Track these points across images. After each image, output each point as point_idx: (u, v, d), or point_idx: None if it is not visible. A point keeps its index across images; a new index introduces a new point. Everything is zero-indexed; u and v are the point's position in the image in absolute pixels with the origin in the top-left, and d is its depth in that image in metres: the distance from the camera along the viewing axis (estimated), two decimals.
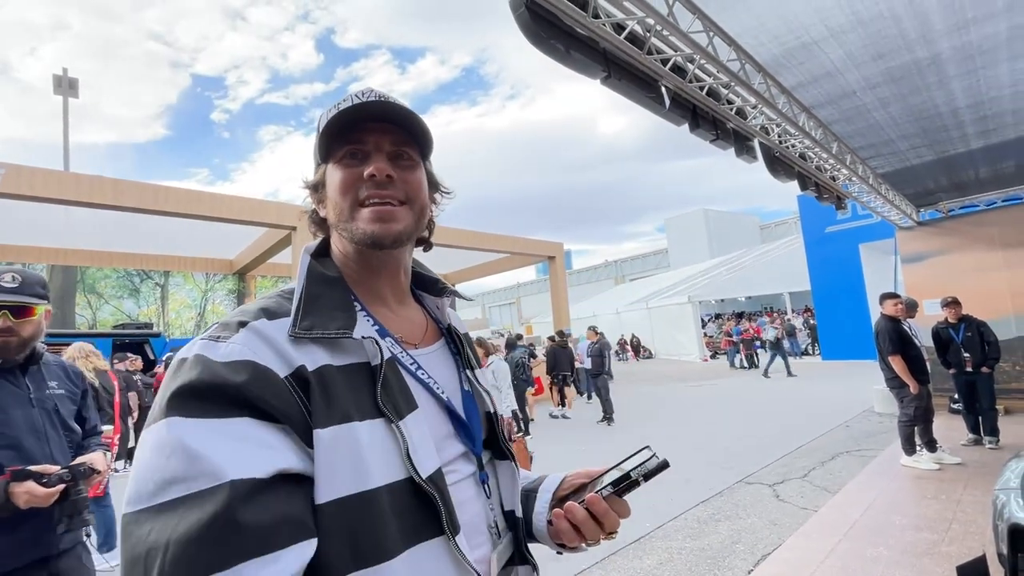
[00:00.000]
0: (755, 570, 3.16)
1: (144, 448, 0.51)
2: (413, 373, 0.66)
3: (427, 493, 0.57)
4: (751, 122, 4.10)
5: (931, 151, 5.45)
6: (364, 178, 0.66)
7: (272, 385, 0.54)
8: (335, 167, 0.68)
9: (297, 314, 0.60)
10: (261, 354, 0.55)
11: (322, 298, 0.63)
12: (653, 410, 10.00)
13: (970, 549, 3.07)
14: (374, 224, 0.66)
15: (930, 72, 3.77)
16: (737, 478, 5.05)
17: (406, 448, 0.57)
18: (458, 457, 0.66)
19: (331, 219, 0.69)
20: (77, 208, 7.46)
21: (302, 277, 0.66)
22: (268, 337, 0.57)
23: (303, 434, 0.54)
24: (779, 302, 25.30)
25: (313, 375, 0.56)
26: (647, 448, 0.69)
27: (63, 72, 16.31)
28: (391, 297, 0.73)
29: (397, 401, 0.60)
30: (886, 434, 6.27)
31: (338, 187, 0.67)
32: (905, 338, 4.89)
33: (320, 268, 0.67)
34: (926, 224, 7.87)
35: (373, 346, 0.61)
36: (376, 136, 0.68)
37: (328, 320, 0.61)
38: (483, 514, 0.67)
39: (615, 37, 2.82)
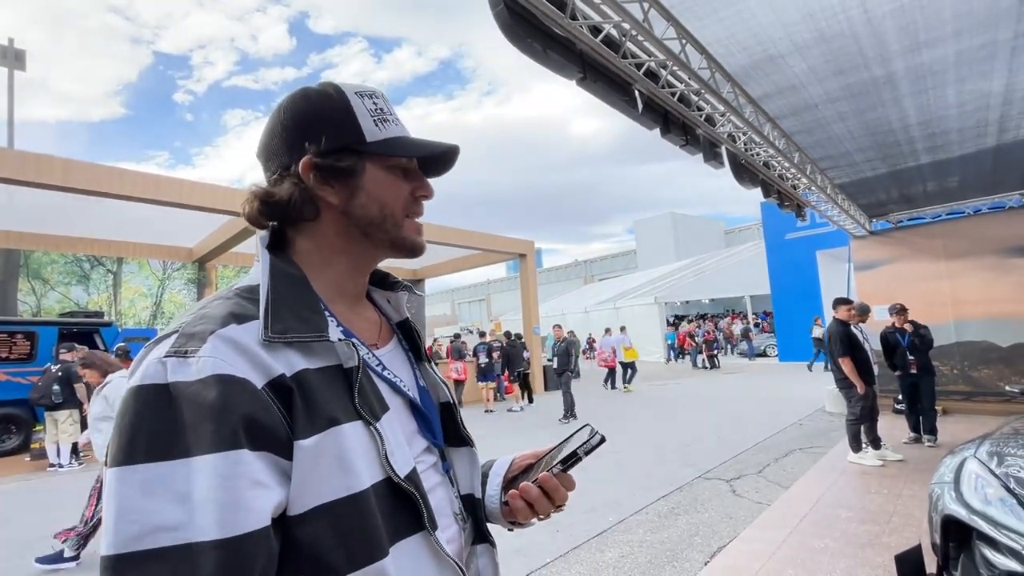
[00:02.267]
0: (711, 562, 3.28)
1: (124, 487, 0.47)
2: (380, 374, 0.67)
3: (406, 492, 0.58)
4: (719, 129, 4.23)
5: (884, 164, 5.76)
6: (415, 195, 0.71)
7: (253, 399, 0.51)
8: (388, 171, 0.69)
9: (267, 317, 0.57)
10: (237, 365, 0.52)
11: (289, 298, 0.61)
12: (618, 408, 10.20)
13: (908, 539, 3.27)
14: (419, 236, 0.72)
15: (886, 89, 3.98)
16: (696, 474, 5.22)
17: (384, 450, 0.58)
18: (423, 451, 0.68)
19: (362, 215, 0.68)
20: (22, 188, 7.03)
21: (266, 274, 0.62)
22: (241, 345, 0.54)
23: (284, 449, 0.52)
24: (741, 304, 26.16)
25: (293, 382, 0.55)
26: (588, 426, 0.74)
27: (9, 43, 15.30)
28: (354, 296, 0.73)
29: (372, 403, 0.60)
30: (835, 432, 6.59)
31: (394, 194, 0.69)
32: (854, 342, 5.18)
33: (283, 266, 0.64)
34: (878, 234, 8.30)
35: (349, 348, 0.61)
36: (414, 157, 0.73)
37: (300, 323, 0.59)
38: (449, 502, 0.69)
39: (592, 39, 2.86)
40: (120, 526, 0.46)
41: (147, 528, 0.46)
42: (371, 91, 0.70)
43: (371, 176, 0.68)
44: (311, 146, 0.65)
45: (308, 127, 0.66)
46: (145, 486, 0.47)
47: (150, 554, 0.45)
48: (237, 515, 0.47)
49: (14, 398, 8.15)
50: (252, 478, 0.49)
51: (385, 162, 0.69)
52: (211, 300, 0.61)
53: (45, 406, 7.22)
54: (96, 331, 9.66)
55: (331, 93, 0.67)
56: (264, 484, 0.50)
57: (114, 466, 0.48)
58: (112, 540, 0.46)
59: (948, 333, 7.34)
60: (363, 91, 0.69)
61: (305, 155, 0.65)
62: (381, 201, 0.68)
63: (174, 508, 0.46)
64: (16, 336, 8.64)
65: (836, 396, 7.76)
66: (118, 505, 0.47)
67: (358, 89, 0.69)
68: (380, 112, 0.69)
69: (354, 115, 0.66)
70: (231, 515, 0.47)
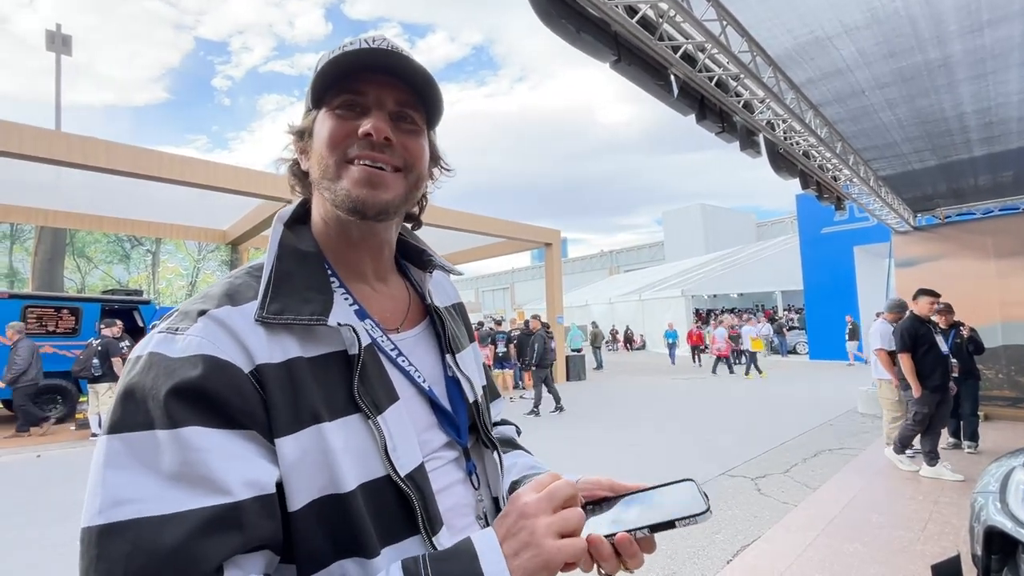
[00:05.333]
0: (734, 560, 3.21)
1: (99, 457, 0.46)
2: (394, 360, 0.61)
3: (405, 492, 0.54)
4: (758, 116, 4.06)
5: (933, 156, 5.45)
6: (359, 135, 0.58)
7: (234, 381, 0.49)
8: (327, 115, 0.60)
9: (265, 296, 0.54)
10: (222, 346, 0.50)
11: (295, 277, 0.57)
12: (641, 401, 10.09)
13: (944, 549, 3.14)
14: (361, 187, 0.58)
15: (940, 74, 3.74)
16: (720, 471, 5.12)
17: (384, 444, 0.54)
18: (442, 447, 0.63)
19: (313, 174, 0.61)
20: (68, 169, 7.31)
21: (272, 252, 0.59)
22: (230, 327, 0.51)
23: (267, 436, 0.50)
24: (771, 300, 25.50)
25: (278, 370, 0.51)
26: (692, 482, 0.57)
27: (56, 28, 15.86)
28: (372, 274, 0.67)
29: (376, 393, 0.56)
30: (867, 434, 6.37)
31: (326, 139, 0.59)
32: (921, 339, 4.62)
33: (294, 241, 0.61)
34: (922, 229, 7.91)
35: (351, 334, 0.56)
36: (379, 90, 0.60)
37: (301, 303, 0.55)
38: (471, 503, 0.64)
39: (627, 20, 2.76)
40: (88, 499, 0.45)
41: (107, 501, 0.44)
42: (353, 39, 0.62)
43: (317, 128, 0.61)
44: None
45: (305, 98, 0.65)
46: (111, 458, 0.46)
47: (110, 528, 0.43)
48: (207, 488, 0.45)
49: (60, 370, 8.58)
50: (228, 452, 0.47)
51: (329, 105, 0.60)
52: (225, 277, 0.59)
53: (87, 378, 7.58)
54: (136, 308, 10.07)
55: (322, 55, 0.62)
56: (243, 457, 0.48)
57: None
58: (83, 513, 0.45)
59: (995, 335, 6.97)
60: (344, 43, 0.61)
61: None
62: (319, 153, 0.60)
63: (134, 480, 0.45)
64: (62, 312, 9.07)
65: (870, 396, 7.50)
66: (90, 477, 0.46)
67: (342, 44, 0.61)
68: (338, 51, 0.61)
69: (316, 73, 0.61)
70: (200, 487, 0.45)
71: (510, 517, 0.50)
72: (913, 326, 4.69)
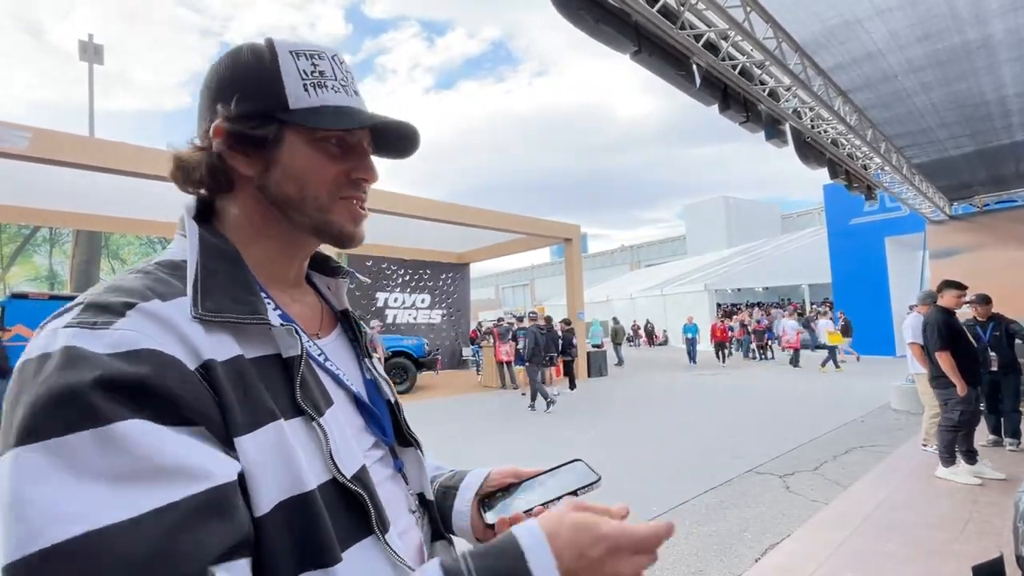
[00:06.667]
0: (762, 559, 3.15)
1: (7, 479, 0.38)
2: (322, 365, 0.61)
3: (354, 493, 0.53)
4: (783, 104, 3.95)
5: (972, 141, 5.23)
6: (351, 177, 0.61)
7: (182, 378, 0.44)
8: (315, 145, 0.59)
9: (196, 292, 0.50)
10: (163, 342, 0.45)
11: (221, 276, 0.54)
12: (664, 396, 9.98)
13: (985, 549, 3.01)
14: (353, 224, 0.62)
15: (979, 56, 3.58)
16: (747, 467, 5.03)
17: (328, 448, 0.52)
18: (371, 447, 0.63)
19: (279, 193, 0.59)
20: (102, 174, 7.57)
21: (195, 249, 0.55)
22: (168, 322, 0.46)
23: (222, 438, 0.46)
24: (798, 294, 24.91)
25: (226, 367, 0.48)
26: (581, 461, 0.69)
27: (88, 38, 16.41)
28: (291, 282, 0.66)
29: (315, 397, 0.55)
30: (902, 431, 6.17)
31: (319, 173, 0.59)
32: (956, 332, 4.40)
33: (213, 239, 0.57)
34: (959, 218, 7.61)
35: (292, 336, 0.54)
36: (361, 132, 0.62)
37: (234, 303, 0.52)
38: (403, 499, 0.65)
39: (647, 9, 2.71)
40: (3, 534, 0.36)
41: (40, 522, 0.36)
42: (315, 50, 0.60)
43: (291, 149, 0.58)
44: (224, 108, 0.57)
45: (227, 88, 0.58)
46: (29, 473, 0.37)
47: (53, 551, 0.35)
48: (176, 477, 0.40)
49: None
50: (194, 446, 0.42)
51: (312, 134, 0.58)
52: (125, 274, 0.53)
53: None
54: None
55: (262, 51, 0.58)
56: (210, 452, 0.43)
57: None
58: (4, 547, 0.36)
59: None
60: (302, 49, 0.59)
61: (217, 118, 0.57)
62: (301, 179, 0.59)
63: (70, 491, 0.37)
64: None
65: (904, 392, 7.26)
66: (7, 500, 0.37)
67: (297, 47, 0.59)
68: (317, 75, 0.58)
69: (279, 76, 0.57)
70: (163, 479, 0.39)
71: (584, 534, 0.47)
72: (941, 318, 4.45)
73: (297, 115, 0.57)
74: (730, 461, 5.26)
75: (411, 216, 10.88)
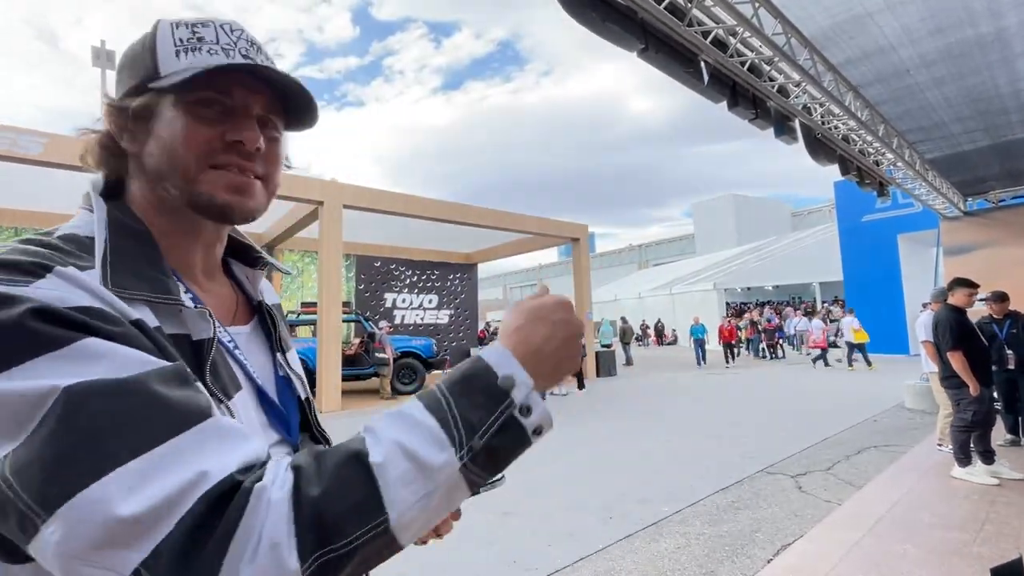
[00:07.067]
0: (775, 559, 3.12)
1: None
2: (231, 352, 0.58)
3: None
4: (793, 101, 3.91)
5: (986, 136, 5.14)
6: (226, 140, 0.55)
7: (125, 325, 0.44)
8: (181, 110, 0.54)
9: (105, 268, 0.48)
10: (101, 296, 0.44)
11: (131, 255, 0.51)
12: (674, 397, 9.92)
13: (1004, 551, 2.96)
14: (230, 194, 0.56)
15: (994, 49, 3.52)
16: (758, 467, 4.98)
17: None
18: (274, 444, 0.60)
19: (152, 166, 0.55)
20: None
21: (102, 221, 0.53)
22: (88, 286, 0.44)
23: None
24: (808, 292, 24.66)
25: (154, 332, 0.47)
26: None
27: (101, 44, 16.65)
28: (200, 269, 0.63)
29: (223, 380, 0.53)
30: (916, 430, 6.08)
31: (184, 139, 0.54)
32: (968, 331, 4.34)
33: (123, 216, 0.55)
34: (973, 214, 7.49)
35: (205, 319, 0.53)
36: (247, 93, 0.57)
37: (144, 281, 0.50)
38: None
39: (654, 7, 2.69)
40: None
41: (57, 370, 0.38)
42: (203, 20, 0.57)
43: (162, 117, 0.55)
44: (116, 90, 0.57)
45: (117, 73, 0.58)
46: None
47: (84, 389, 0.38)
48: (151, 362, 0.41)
49: None
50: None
51: (181, 99, 0.54)
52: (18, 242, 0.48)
53: None
54: None
55: (148, 31, 0.57)
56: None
57: None
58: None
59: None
60: (186, 21, 0.57)
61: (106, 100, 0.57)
62: (169, 147, 0.54)
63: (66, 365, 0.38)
64: None
65: (918, 391, 7.16)
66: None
67: (181, 20, 0.57)
68: (195, 42, 0.55)
69: (154, 48, 0.55)
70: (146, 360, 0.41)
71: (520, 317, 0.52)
72: (952, 317, 4.38)
73: (164, 80, 0.54)
74: (741, 461, 5.21)
75: (419, 217, 10.91)
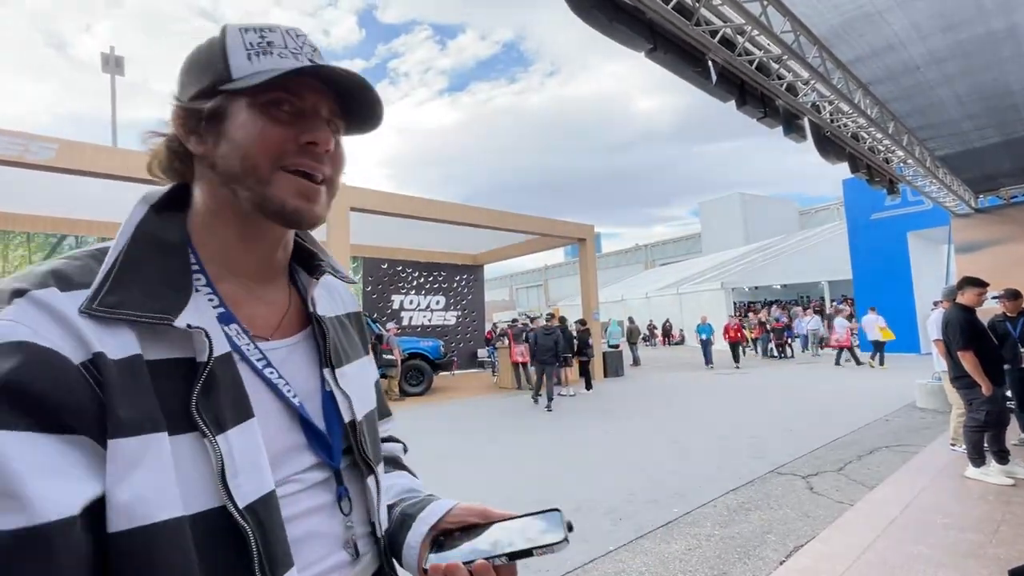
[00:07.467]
0: (787, 561, 3.10)
1: None
2: (259, 371, 0.55)
3: (240, 527, 0.46)
4: (802, 99, 3.89)
5: (997, 132, 5.09)
6: (299, 142, 0.55)
7: (58, 374, 0.41)
8: (256, 112, 0.55)
9: (103, 285, 0.47)
10: (44, 332, 0.42)
11: (144, 267, 0.50)
12: (682, 397, 9.88)
13: (1021, 553, 2.93)
14: (299, 200, 0.56)
15: (1006, 45, 3.48)
16: (769, 468, 4.95)
17: (220, 468, 0.46)
18: (308, 468, 0.57)
19: (224, 168, 0.55)
20: (125, 183, 7.75)
21: (125, 235, 0.52)
22: (57, 312, 0.44)
23: (99, 439, 0.42)
24: (817, 291, 24.48)
25: (116, 366, 0.44)
26: (558, 512, 0.61)
27: (110, 51, 16.84)
28: (255, 274, 0.61)
29: (221, 409, 0.48)
30: (929, 430, 6.02)
31: (259, 140, 0.54)
32: (979, 331, 4.30)
33: (156, 227, 0.54)
34: (984, 211, 7.41)
35: (201, 339, 0.49)
36: (316, 96, 0.57)
37: (145, 298, 0.48)
38: (336, 531, 0.59)
39: (662, 6, 2.69)
40: None
41: None
42: (269, 26, 0.57)
43: (235, 119, 0.55)
44: (181, 92, 0.58)
45: (183, 76, 0.58)
46: None
47: None
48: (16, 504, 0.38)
49: None
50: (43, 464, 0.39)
51: (255, 100, 0.55)
52: (62, 255, 0.52)
53: None
54: None
55: (214, 36, 0.57)
56: (63, 473, 0.40)
57: None
58: None
59: None
60: (252, 26, 0.57)
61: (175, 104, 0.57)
62: (242, 148, 0.54)
63: None
64: None
65: (930, 390, 7.09)
66: None
67: (247, 25, 0.57)
68: (264, 45, 0.55)
69: (224, 52, 0.55)
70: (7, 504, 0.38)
71: None
72: (962, 317, 4.33)
73: (239, 82, 0.54)
74: (751, 462, 5.18)
75: (426, 219, 10.94)
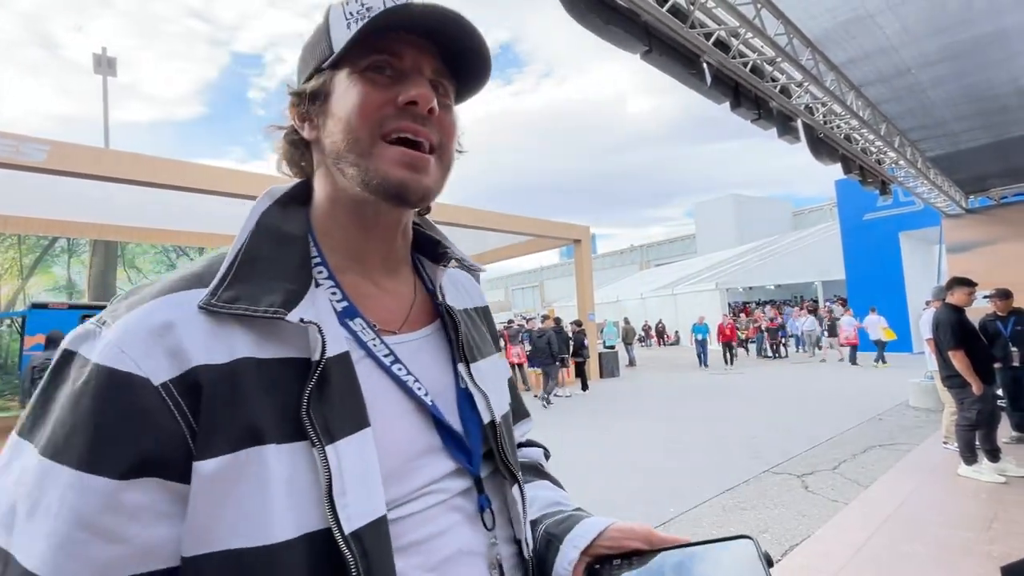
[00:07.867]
0: (783, 560, 3.12)
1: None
2: (387, 368, 0.50)
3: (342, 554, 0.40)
4: (795, 101, 3.92)
5: (987, 134, 5.15)
6: (398, 103, 0.49)
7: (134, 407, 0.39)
8: (353, 77, 0.50)
9: (222, 281, 0.45)
10: (139, 355, 0.40)
11: (263, 261, 0.47)
12: (677, 396, 9.91)
13: (1013, 550, 2.96)
14: (403, 170, 0.49)
15: (994, 48, 3.53)
16: (764, 467, 4.98)
17: (328, 484, 0.41)
18: (446, 476, 0.51)
19: (330, 146, 0.51)
20: (117, 184, 7.70)
21: (247, 230, 0.50)
22: (159, 325, 0.42)
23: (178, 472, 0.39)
24: (810, 291, 24.64)
25: (219, 373, 0.41)
26: (748, 539, 0.49)
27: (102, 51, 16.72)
28: (380, 265, 0.57)
29: (333, 416, 0.43)
30: (921, 429, 6.07)
31: (357, 105, 0.49)
32: (969, 331, 4.35)
33: (278, 220, 0.51)
34: (975, 212, 7.50)
35: (315, 335, 0.44)
36: (417, 54, 0.51)
37: (261, 293, 0.45)
38: (480, 549, 0.51)
39: (657, 9, 2.71)
40: None
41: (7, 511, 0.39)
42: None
43: (337, 92, 0.51)
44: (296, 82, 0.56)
45: (298, 65, 0.57)
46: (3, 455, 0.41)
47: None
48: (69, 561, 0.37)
49: None
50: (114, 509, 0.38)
51: (355, 67, 0.50)
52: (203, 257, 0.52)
53: None
54: None
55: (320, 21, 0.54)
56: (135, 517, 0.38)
57: None
58: None
59: None
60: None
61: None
62: (344, 120, 0.50)
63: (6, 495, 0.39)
64: None
65: (922, 389, 7.15)
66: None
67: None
68: (364, 11, 0.49)
69: (328, 29, 0.51)
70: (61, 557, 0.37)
71: None
72: (952, 317, 4.37)
73: (336, 55, 0.50)
74: (746, 461, 5.21)
75: None
